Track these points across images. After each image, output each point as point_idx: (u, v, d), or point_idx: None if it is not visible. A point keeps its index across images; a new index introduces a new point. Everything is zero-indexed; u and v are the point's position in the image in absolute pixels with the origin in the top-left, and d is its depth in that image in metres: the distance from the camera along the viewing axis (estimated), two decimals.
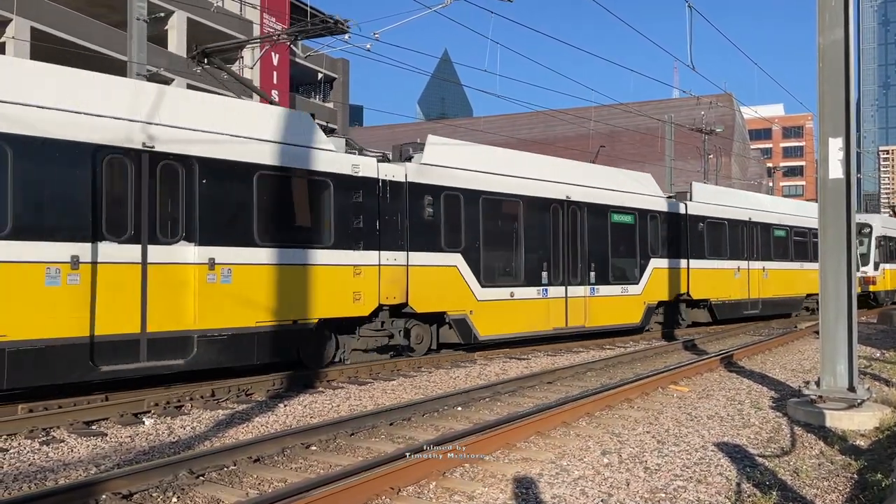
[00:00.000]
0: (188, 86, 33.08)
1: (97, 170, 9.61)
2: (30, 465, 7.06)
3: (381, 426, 8.52)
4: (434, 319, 14.36)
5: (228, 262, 10.78)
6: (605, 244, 17.97)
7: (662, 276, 19.88)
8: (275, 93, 39.13)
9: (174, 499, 6.00)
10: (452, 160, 14.64)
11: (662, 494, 6.00)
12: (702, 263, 21.43)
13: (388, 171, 13.19)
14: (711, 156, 49.54)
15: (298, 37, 15.43)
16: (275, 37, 16.61)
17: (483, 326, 14.76)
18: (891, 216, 37.99)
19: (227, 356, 10.76)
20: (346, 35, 14.45)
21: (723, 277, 22.29)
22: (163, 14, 35.02)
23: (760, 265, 24.16)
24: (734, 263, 22.81)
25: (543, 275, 16.26)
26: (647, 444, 7.64)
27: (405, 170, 13.52)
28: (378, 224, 12.90)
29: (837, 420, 8.51)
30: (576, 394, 10.60)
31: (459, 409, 9.65)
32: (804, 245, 26.62)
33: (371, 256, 12.77)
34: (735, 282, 22.81)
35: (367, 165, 12.86)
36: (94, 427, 8.64)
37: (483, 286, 14.86)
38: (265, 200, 11.31)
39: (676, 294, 20.55)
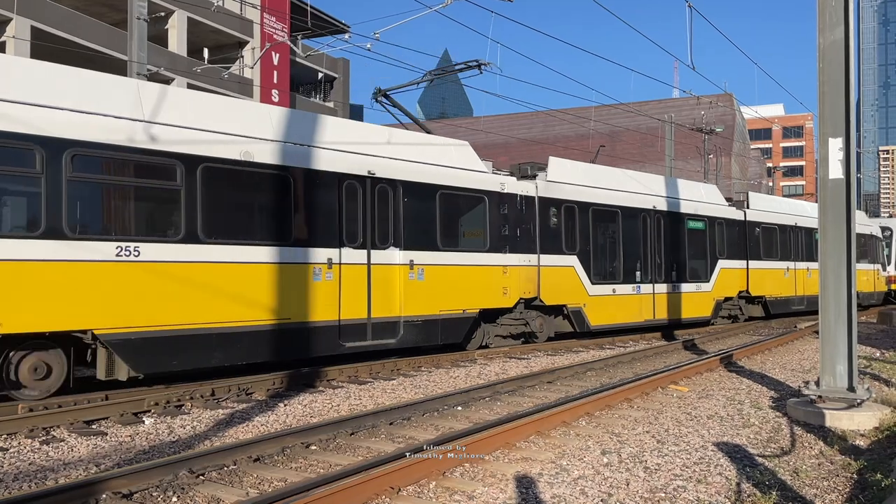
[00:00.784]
0: (188, 85, 33.10)
1: (340, 192, 12.32)
2: (30, 465, 7.05)
3: (381, 426, 8.52)
4: (554, 311, 16.92)
5: (422, 263, 13.58)
6: (683, 247, 20.66)
7: (727, 276, 22.50)
8: (275, 92, 39.12)
9: (174, 498, 6.00)
10: (568, 177, 17.35)
11: (662, 494, 6.00)
12: (758, 264, 23.95)
13: (524, 188, 15.92)
14: (711, 156, 49.55)
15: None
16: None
17: (593, 317, 17.49)
18: None
19: (422, 337, 13.57)
20: (347, 35, 14.88)
21: (775, 276, 24.87)
22: (163, 13, 35.01)
23: (805, 265, 26.66)
24: (784, 264, 25.39)
25: (637, 273, 18.91)
26: (647, 444, 7.64)
27: (536, 186, 16.19)
28: (518, 231, 15.63)
29: (837, 420, 8.51)
30: (576, 393, 10.61)
31: (459, 409, 9.65)
32: None
33: (514, 258, 15.51)
34: (785, 280, 25.39)
35: (510, 183, 15.60)
36: (95, 426, 8.63)
37: (593, 283, 17.56)
38: (444, 213, 14.07)
39: (738, 291, 23.14)
